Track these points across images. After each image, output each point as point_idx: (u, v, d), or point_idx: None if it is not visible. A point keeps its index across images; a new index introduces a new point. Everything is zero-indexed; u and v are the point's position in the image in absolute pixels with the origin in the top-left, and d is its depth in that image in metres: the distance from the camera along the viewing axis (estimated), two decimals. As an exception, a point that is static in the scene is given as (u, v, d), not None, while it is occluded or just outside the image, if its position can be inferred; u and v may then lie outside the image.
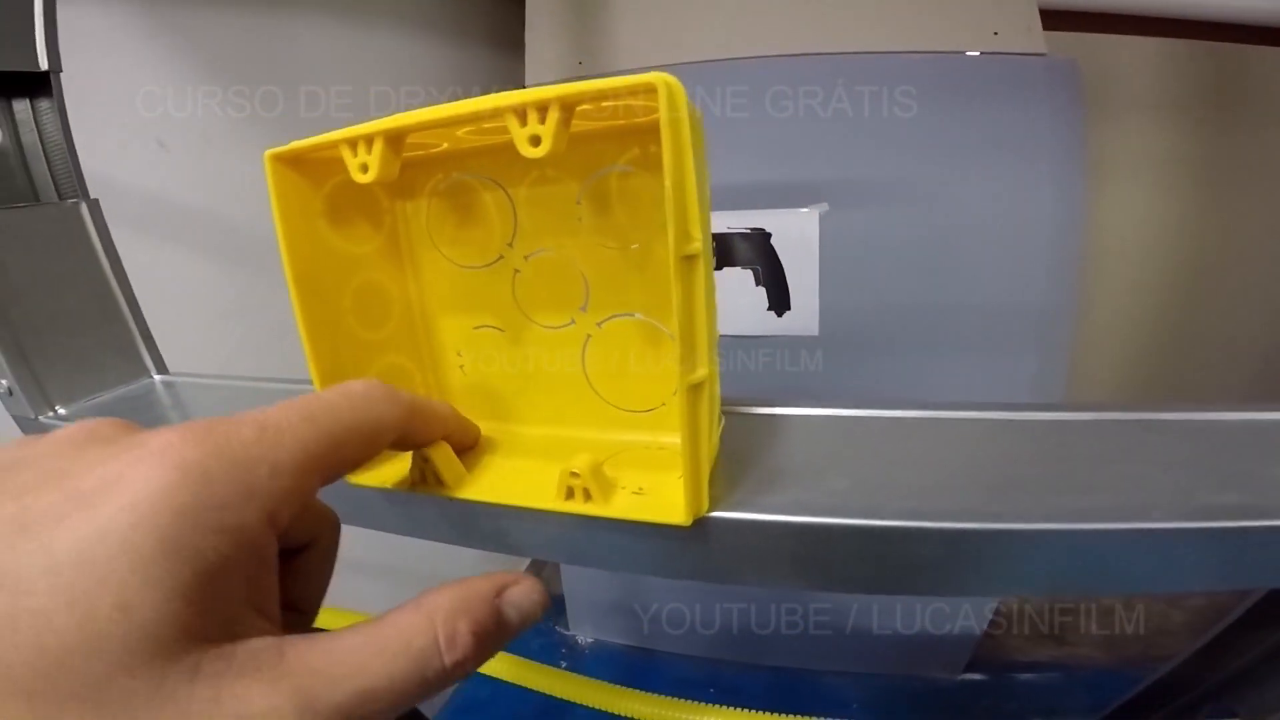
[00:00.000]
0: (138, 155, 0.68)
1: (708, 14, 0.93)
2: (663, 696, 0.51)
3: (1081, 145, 0.89)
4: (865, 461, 0.22)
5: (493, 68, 1.20)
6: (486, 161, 0.25)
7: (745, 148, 0.92)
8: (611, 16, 0.97)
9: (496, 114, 0.18)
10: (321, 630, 0.15)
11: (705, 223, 0.21)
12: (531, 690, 1.25)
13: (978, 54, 0.88)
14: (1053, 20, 0.89)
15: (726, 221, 0.95)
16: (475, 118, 0.19)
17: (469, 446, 0.25)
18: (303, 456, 0.15)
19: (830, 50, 0.89)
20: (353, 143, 0.20)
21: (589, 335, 0.25)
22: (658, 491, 0.21)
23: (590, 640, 1.36)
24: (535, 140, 0.18)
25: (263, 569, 0.15)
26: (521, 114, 0.18)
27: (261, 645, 0.14)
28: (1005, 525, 0.19)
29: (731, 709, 0.50)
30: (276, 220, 0.22)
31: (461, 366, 0.28)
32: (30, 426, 0.38)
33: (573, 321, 0.25)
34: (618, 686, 0.50)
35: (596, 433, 0.25)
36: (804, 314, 0.93)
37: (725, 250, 0.96)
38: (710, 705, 0.50)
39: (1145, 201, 1.08)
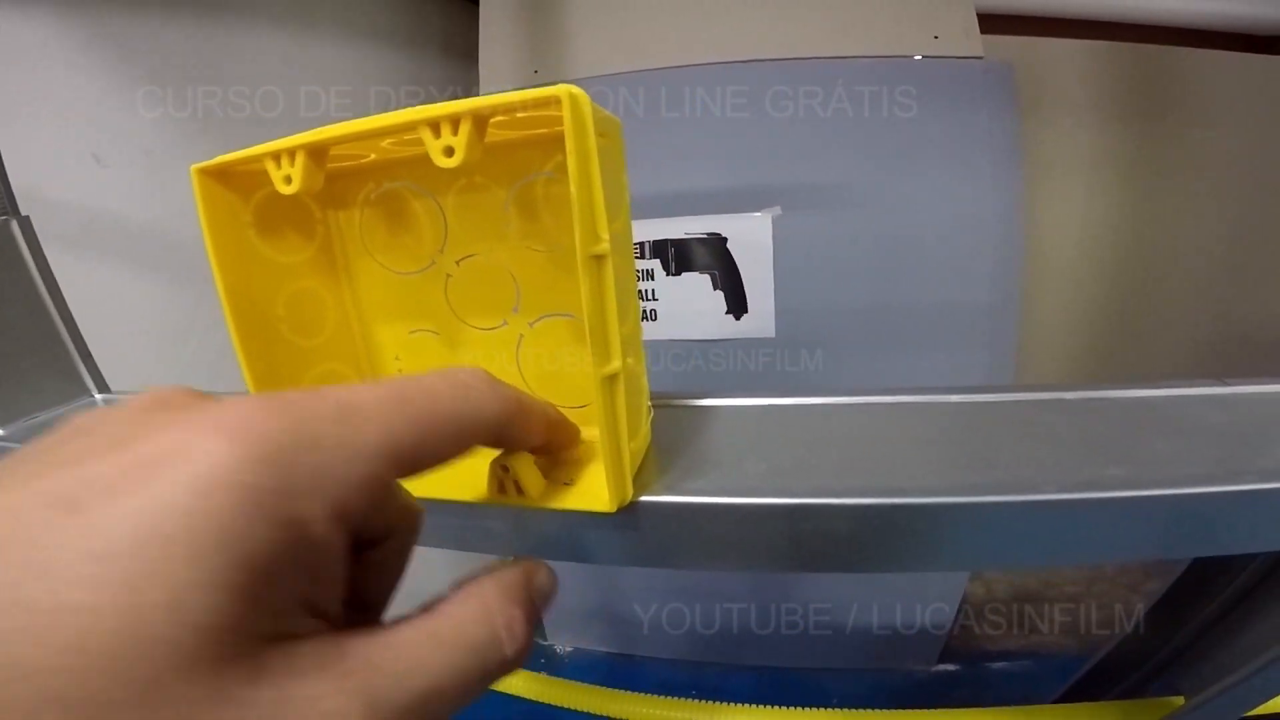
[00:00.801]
0: (73, 171, 0.67)
1: (658, 23, 0.95)
2: (650, 695, 0.51)
3: (1018, 146, 0.92)
4: (784, 446, 0.24)
5: (446, 76, 1.20)
6: (415, 171, 0.25)
7: (699, 154, 0.94)
8: (564, 26, 0.98)
9: (411, 127, 0.19)
10: (376, 625, 0.14)
11: (625, 224, 0.22)
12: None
13: (919, 58, 0.91)
14: (988, 24, 0.93)
15: (685, 227, 0.97)
16: (393, 130, 0.20)
17: (566, 450, 0.23)
18: (388, 445, 0.14)
19: (776, 56, 0.92)
20: (276, 156, 0.21)
21: (521, 335, 0.25)
22: (587, 482, 0.21)
23: (569, 649, 1.36)
24: (449, 151, 0.19)
25: (328, 564, 0.13)
26: (435, 127, 0.19)
27: (322, 643, 0.13)
28: (908, 500, 0.21)
29: (719, 704, 0.51)
30: (205, 232, 0.22)
31: (400, 370, 0.28)
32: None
33: (505, 323, 0.26)
34: (604, 688, 0.50)
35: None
36: (760, 316, 0.95)
37: (684, 255, 0.97)
38: (700, 702, 0.50)
39: (1080, 199, 1.13)
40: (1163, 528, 0.21)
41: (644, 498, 0.21)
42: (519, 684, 0.52)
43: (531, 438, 0.19)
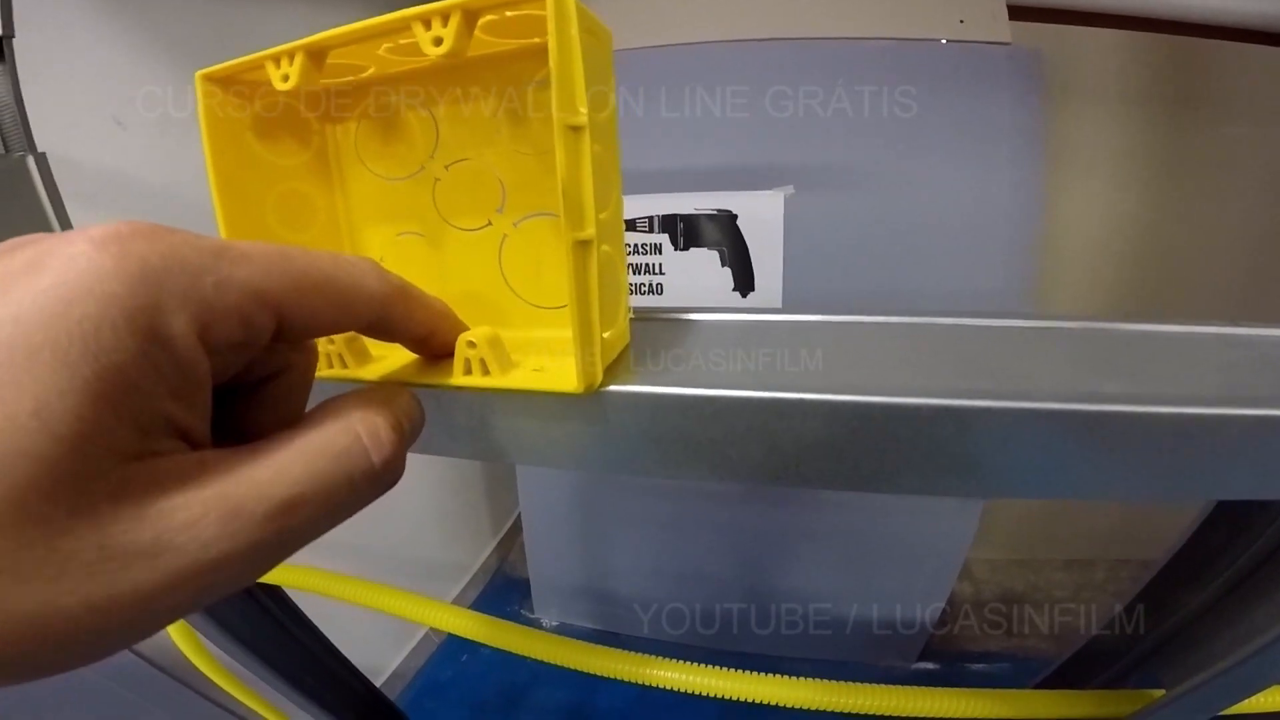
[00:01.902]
0: (93, 132, 0.68)
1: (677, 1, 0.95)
2: (630, 653, 0.50)
3: (1042, 135, 0.90)
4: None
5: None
6: (412, 85, 0.26)
7: (712, 131, 0.94)
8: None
9: (405, 24, 0.20)
10: (242, 445, 0.14)
11: (609, 118, 0.22)
12: (494, 671, 1.26)
13: (943, 41, 0.89)
14: (1019, 12, 0.91)
15: (694, 203, 0.97)
16: (387, 28, 0.20)
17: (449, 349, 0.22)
18: (261, 282, 0.14)
19: (798, 35, 0.91)
20: (276, 58, 0.22)
21: (505, 235, 0.25)
22: (556, 370, 0.21)
23: (555, 624, 1.37)
24: (438, 41, 0.19)
25: (193, 383, 0.13)
26: (426, 22, 0.19)
27: (185, 459, 0.13)
28: (888, 399, 0.20)
29: (699, 665, 0.50)
30: (204, 132, 0.23)
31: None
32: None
33: (489, 223, 0.26)
34: (588, 644, 0.50)
35: (512, 330, 0.25)
36: (768, 294, 0.95)
37: (693, 230, 0.97)
38: (680, 661, 0.49)
39: (1104, 193, 1.10)
40: (1168, 457, 0.19)
41: (613, 386, 0.21)
42: (503, 636, 0.51)
43: (414, 326, 0.19)
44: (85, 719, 0.74)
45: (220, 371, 0.14)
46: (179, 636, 0.58)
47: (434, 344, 0.21)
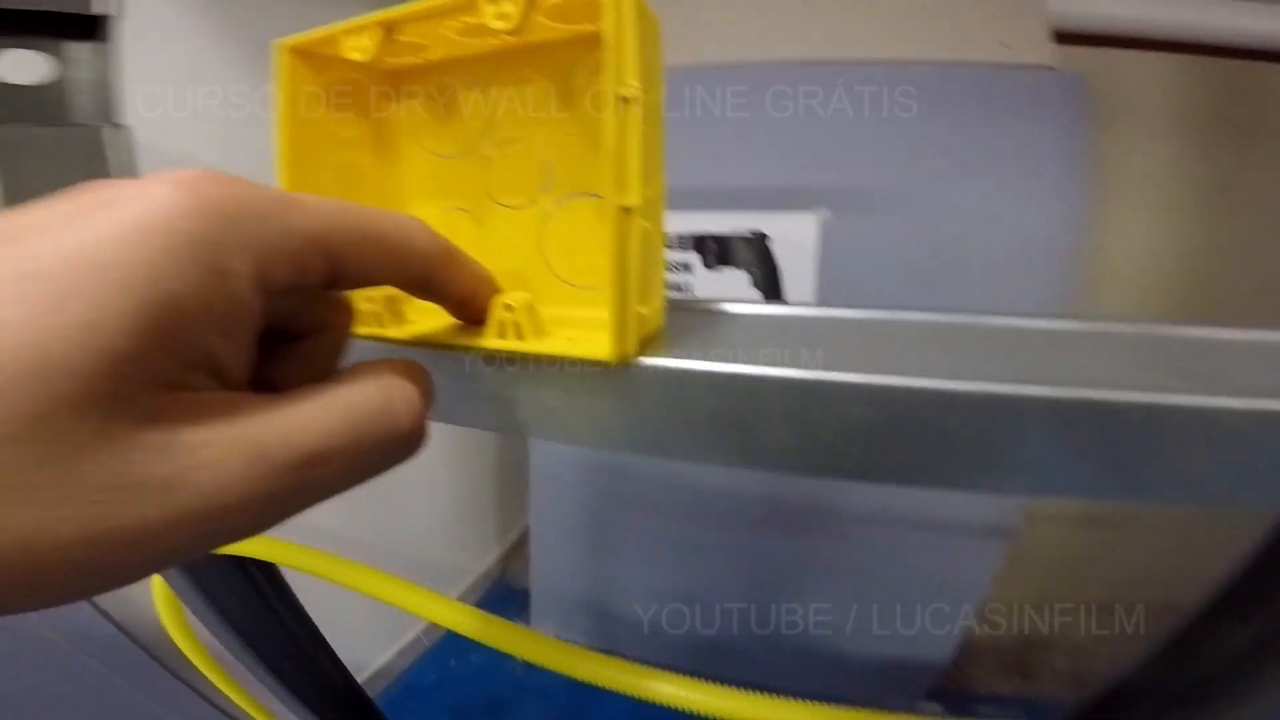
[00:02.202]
0: (174, 117, 0.72)
1: (714, 16, 0.96)
2: (629, 663, 0.49)
3: (1086, 162, 0.89)
4: (803, 342, 0.23)
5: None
6: (471, 67, 0.27)
7: (745, 150, 0.94)
8: None
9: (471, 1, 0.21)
10: (276, 394, 0.14)
11: (656, 99, 0.22)
12: (481, 679, 1.23)
13: (984, 65, 0.89)
14: (1064, 37, 0.90)
15: (726, 223, 0.97)
16: (456, 5, 0.21)
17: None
18: (320, 230, 0.14)
19: (839, 57, 0.91)
20: (352, 31, 0.23)
21: (549, 214, 0.26)
22: (589, 339, 0.21)
23: (554, 638, 1.34)
24: (503, 16, 0.20)
25: (241, 324, 0.13)
26: None
27: (218, 398, 0.13)
28: (935, 383, 0.19)
29: (701, 682, 0.48)
30: (279, 99, 0.24)
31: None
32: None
33: (534, 202, 0.26)
34: (586, 650, 0.49)
35: (548, 308, 0.26)
36: (799, 313, 0.94)
37: (724, 250, 0.97)
38: (681, 676, 0.48)
39: (1152, 220, 1.07)
40: (1239, 457, 0.18)
41: (646, 360, 0.21)
42: (497, 634, 0.51)
43: (457, 287, 0.20)
44: (46, 684, 0.72)
45: (269, 315, 0.14)
46: (162, 604, 0.57)
47: (473, 308, 0.21)
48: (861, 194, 0.93)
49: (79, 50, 0.40)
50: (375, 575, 0.53)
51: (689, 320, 0.25)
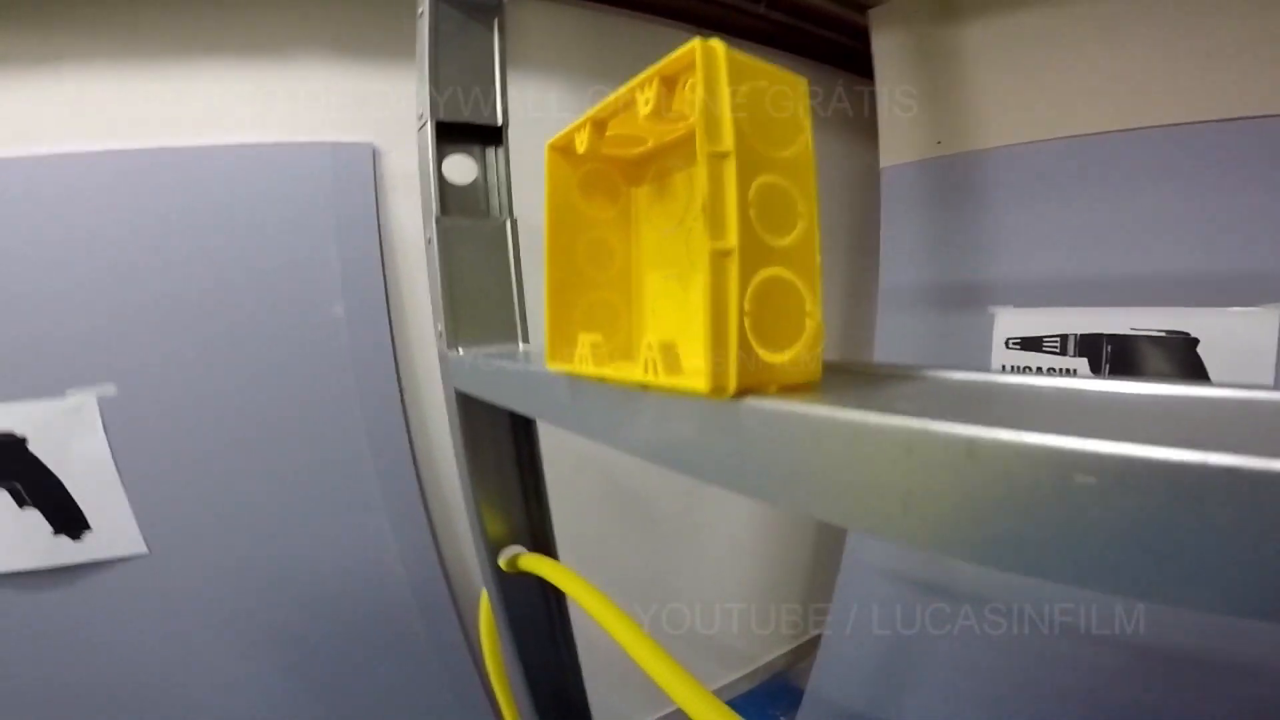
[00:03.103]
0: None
1: (1070, 87, 0.83)
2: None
3: None
4: (985, 406, 0.20)
5: (846, 151, 1.28)
6: (677, 151, 0.32)
7: (1147, 230, 0.76)
8: (969, 95, 0.94)
9: (630, 95, 0.26)
10: None
11: (786, 142, 0.23)
12: None
13: None
14: None
15: (1131, 320, 0.79)
16: (626, 98, 0.27)
17: None
18: None
19: (1219, 117, 0.69)
20: (579, 128, 0.31)
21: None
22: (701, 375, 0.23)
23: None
24: (646, 101, 0.25)
25: None
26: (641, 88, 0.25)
27: None
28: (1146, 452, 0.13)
29: None
30: (547, 187, 0.33)
31: (654, 310, 0.35)
32: (444, 358, 0.59)
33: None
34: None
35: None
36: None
37: (1126, 356, 0.78)
38: None
39: None
40: None
41: (753, 400, 0.21)
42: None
43: None
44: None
45: None
46: (485, 608, 0.68)
47: None
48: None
49: (491, 154, 0.61)
50: (641, 638, 0.57)
51: (872, 381, 0.24)
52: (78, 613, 0.82)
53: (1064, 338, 0.83)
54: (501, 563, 0.63)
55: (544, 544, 0.66)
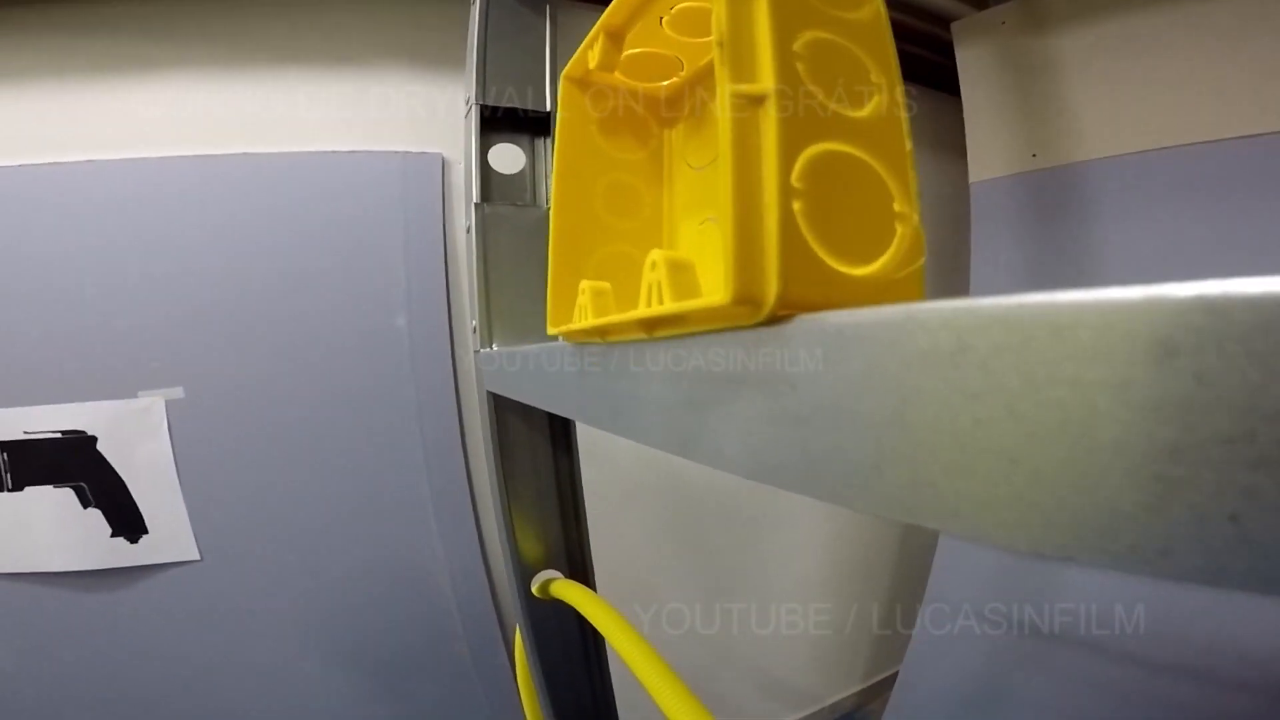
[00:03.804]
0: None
1: (1170, 96, 0.72)
2: None
3: None
4: None
5: (936, 169, 1.19)
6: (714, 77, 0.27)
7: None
8: (1061, 106, 0.84)
9: None
10: None
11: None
12: None
13: None
14: None
15: None
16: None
17: None
18: None
19: None
20: (589, 44, 0.26)
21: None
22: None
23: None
24: None
25: None
26: None
27: None
28: None
29: None
30: (557, 122, 0.28)
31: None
32: (476, 356, 0.55)
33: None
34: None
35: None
36: None
37: None
38: None
39: None
40: None
41: (806, 314, 0.13)
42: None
43: None
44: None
45: None
46: (520, 637, 0.63)
47: None
48: None
49: (540, 145, 0.57)
50: (672, 682, 0.49)
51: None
52: (127, 616, 0.81)
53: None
54: (534, 588, 0.56)
55: (580, 569, 0.59)
